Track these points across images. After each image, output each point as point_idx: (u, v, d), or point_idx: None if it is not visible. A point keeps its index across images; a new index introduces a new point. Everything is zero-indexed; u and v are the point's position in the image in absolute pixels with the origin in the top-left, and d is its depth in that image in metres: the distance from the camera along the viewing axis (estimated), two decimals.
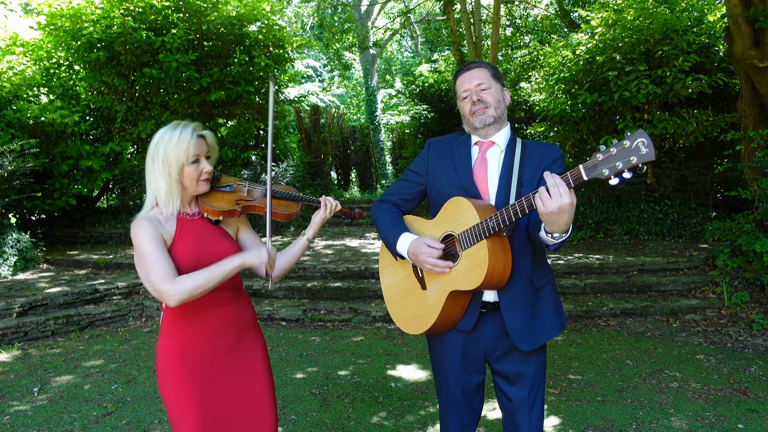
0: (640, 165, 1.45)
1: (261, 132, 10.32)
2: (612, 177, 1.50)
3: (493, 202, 1.94)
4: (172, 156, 1.88)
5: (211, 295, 1.91)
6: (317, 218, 2.10)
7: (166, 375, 1.90)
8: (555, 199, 1.54)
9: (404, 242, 2.00)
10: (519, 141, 2.01)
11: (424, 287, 2.01)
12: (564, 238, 1.70)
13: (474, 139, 2.06)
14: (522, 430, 1.99)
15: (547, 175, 1.57)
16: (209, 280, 1.79)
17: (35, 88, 8.37)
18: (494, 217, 1.76)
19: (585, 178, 1.54)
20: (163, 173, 1.89)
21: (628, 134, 1.47)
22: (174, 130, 1.90)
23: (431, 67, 16.49)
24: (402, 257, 2.04)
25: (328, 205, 2.11)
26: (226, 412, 1.94)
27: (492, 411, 3.53)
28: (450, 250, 1.95)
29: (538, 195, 1.58)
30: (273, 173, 2.11)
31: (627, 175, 1.48)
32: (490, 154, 2.02)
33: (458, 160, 2.03)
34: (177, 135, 1.89)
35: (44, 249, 7.94)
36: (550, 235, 1.68)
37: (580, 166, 1.54)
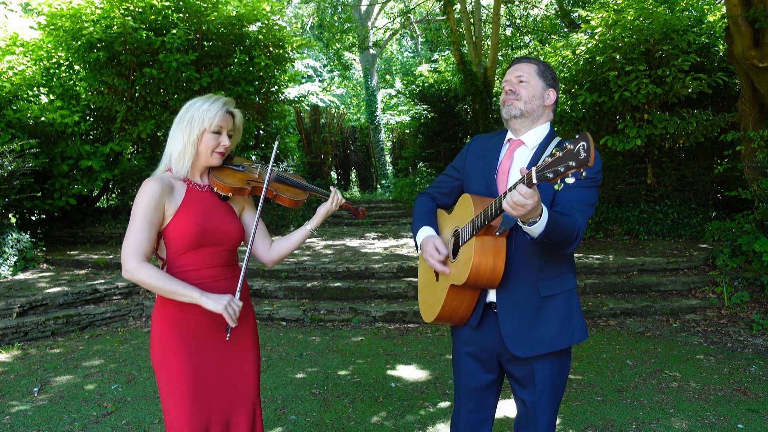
0: (580, 170, 1.41)
1: (261, 132, 10.33)
2: (558, 181, 1.47)
3: None
4: (197, 119, 1.97)
5: (208, 271, 1.97)
6: (322, 209, 2.11)
7: (161, 342, 1.95)
8: (521, 205, 1.55)
9: (421, 235, 2.09)
10: (555, 141, 1.96)
11: (437, 279, 2.09)
12: (540, 222, 1.65)
13: (507, 135, 2.05)
14: None
15: (509, 189, 1.59)
16: (158, 286, 1.83)
17: (35, 88, 8.37)
18: (480, 214, 1.79)
19: (535, 181, 1.52)
20: (184, 132, 1.98)
21: (577, 136, 1.44)
22: (208, 99, 2.02)
23: (431, 67, 16.50)
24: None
25: (337, 197, 2.12)
26: (215, 385, 1.98)
27: (499, 409, 3.53)
28: (457, 244, 2.00)
29: (505, 202, 1.60)
30: (274, 167, 2.16)
31: (569, 180, 1.44)
32: (518, 154, 1.99)
33: (487, 158, 2.04)
34: (209, 103, 2.00)
35: (44, 249, 7.94)
36: (525, 225, 1.67)
37: (533, 169, 1.53)
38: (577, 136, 1.44)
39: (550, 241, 1.71)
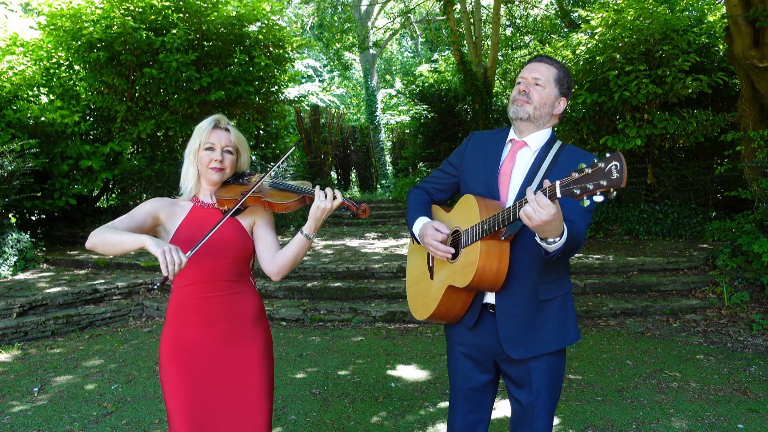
0: (610, 189, 1.40)
1: (261, 132, 10.33)
2: (584, 198, 1.45)
3: (510, 203, 1.91)
4: (192, 140, 2.08)
5: (206, 285, 1.98)
6: (312, 210, 1.92)
7: (161, 360, 2.01)
8: (536, 214, 1.54)
9: (418, 225, 2.06)
10: (557, 145, 1.95)
11: (431, 277, 2.07)
12: (558, 244, 1.65)
13: (510, 135, 2.03)
14: None
15: (528, 190, 1.58)
16: (112, 240, 1.83)
17: (35, 88, 8.36)
18: (488, 219, 1.77)
19: (559, 195, 1.51)
20: (186, 154, 2.10)
21: (608, 155, 1.43)
22: (206, 119, 2.11)
23: (431, 67, 16.49)
24: (417, 240, 2.09)
25: (321, 195, 1.91)
26: (216, 404, 1.97)
27: (495, 410, 3.53)
28: (457, 244, 1.97)
29: (522, 211, 1.58)
30: (273, 173, 2.13)
31: (598, 198, 1.42)
32: (520, 155, 1.98)
33: (488, 156, 2.01)
34: (201, 123, 2.09)
35: (44, 249, 7.94)
36: (544, 242, 1.67)
37: (558, 182, 1.52)
38: (608, 155, 1.42)
39: (561, 255, 1.72)
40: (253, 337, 2.06)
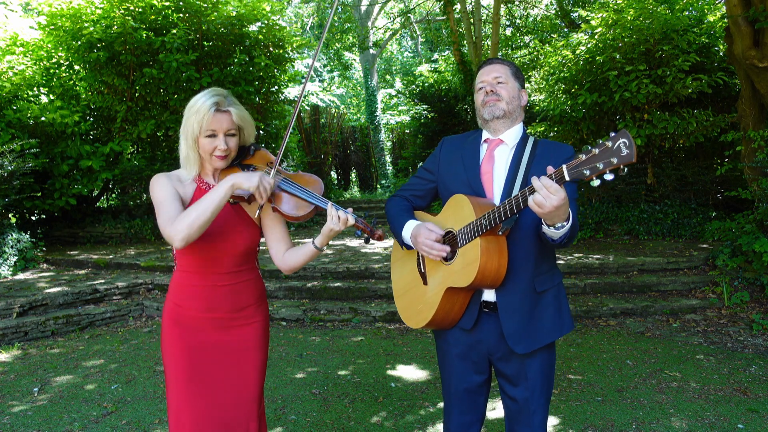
0: (621, 166, 1.41)
1: (261, 132, 10.32)
2: (594, 178, 1.46)
3: (497, 200, 1.93)
4: (189, 125, 1.90)
5: (209, 277, 1.96)
6: (326, 229, 1.92)
7: (162, 331, 2.01)
8: (548, 200, 1.56)
9: (408, 228, 2.04)
10: (531, 140, 1.99)
11: (425, 282, 2.05)
12: (566, 227, 1.68)
13: (484, 135, 2.05)
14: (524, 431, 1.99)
15: (534, 179, 1.59)
16: (203, 212, 1.76)
17: (35, 88, 8.37)
18: (487, 214, 1.77)
19: (567, 178, 1.52)
20: (183, 138, 1.93)
21: (612, 134, 1.43)
22: (201, 96, 1.89)
23: (431, 67, 16.50)
24: (407, 245, 2.07)
25: (334, 217, 1.89)
26: (213, 384, 1.99)
27: (492, 411, 3.53)
28: (451, 246, 1.96)
29: (531, 199, 1.59)
30: (276, 167, 2.04)
31: (608, 176, 1.44)
32: (498, 152, 2.01)
33: (467, 158, 2.03)
34: (199, 104, 1.88)
35: (44, 249, 7.94)
36: (552, 228, 1.68)
37: (564, 166, 1.53)
38: (612, 134, 1.44)
39: (566, 240, 1.74)
40: (252, 317, 2.06)
